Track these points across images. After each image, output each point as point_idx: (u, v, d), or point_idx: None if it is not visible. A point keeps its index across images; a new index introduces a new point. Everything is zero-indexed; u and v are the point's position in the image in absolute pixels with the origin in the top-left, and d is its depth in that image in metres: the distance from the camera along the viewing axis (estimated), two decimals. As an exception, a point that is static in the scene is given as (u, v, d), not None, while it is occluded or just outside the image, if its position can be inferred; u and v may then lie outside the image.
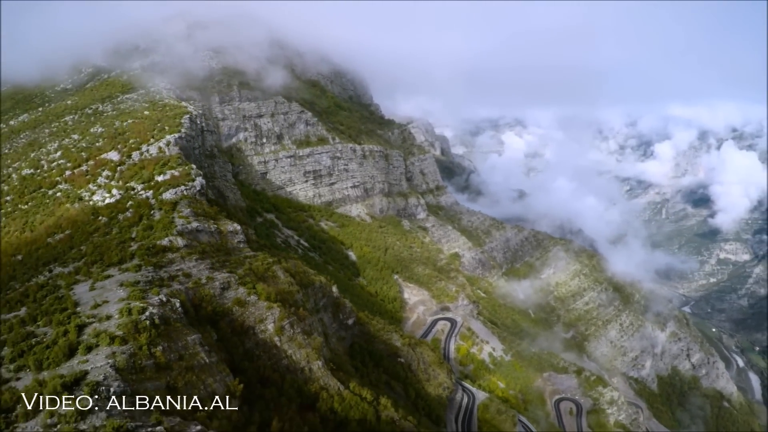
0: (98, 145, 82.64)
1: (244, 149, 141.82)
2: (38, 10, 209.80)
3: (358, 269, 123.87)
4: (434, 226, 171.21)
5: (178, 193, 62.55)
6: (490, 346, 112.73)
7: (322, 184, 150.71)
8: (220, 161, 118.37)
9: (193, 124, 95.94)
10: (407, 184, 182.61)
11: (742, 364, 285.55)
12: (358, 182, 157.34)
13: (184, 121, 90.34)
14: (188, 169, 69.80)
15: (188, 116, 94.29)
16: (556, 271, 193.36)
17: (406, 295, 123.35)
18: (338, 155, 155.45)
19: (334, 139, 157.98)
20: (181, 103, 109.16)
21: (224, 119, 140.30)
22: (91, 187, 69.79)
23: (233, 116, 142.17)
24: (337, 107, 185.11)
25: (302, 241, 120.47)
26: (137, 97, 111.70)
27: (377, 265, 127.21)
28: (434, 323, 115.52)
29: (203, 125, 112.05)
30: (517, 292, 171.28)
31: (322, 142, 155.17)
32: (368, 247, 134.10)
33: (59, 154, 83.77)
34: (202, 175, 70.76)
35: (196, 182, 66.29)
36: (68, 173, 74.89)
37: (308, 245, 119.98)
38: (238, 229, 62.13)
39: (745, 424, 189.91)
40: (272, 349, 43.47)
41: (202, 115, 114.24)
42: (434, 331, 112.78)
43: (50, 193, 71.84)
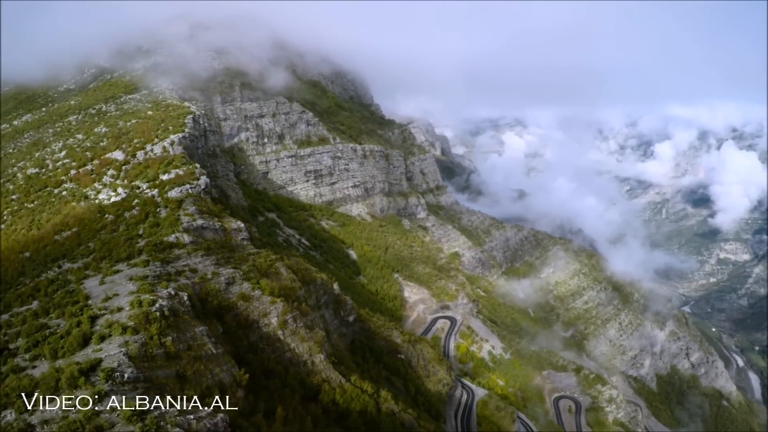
0: (103, 144, 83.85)
1: (245, 149, 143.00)
2: (42, 10, 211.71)
3: (358, 268, 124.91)
4: (434, 225, 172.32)
5: (183, 191, 63.84)
6: (489, 344, 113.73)
7: (322, 183, 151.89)
8: (222, 161, 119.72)
9: (196, 124, 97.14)
10: (407, 183, 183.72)
11: (741, 363, 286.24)
12: (358, 182, 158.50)
13: (187, 121, 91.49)
14: (192, 168, 71.01)
15: (191, 116, 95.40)
16: (555, 270, 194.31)
17: (406, 293, 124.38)
18: (339, 155, 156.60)
19: (334, 139, 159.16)
20: (183, 103, 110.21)
21: (226, 119, 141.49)
22: (96, 185, 71.00)
23: (235, 116, 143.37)
24: (337, 107, 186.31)
25: (303, 240, 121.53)
26: (140, 97, 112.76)
27: (378, 263, 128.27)
28: (434, 321, 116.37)
29: (206, 125, 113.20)
30: (516, 291, 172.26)
31: (322, 142, 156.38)
32: (369, 246, 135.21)
33: (64, 153, 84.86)
34: (206, 174, 72.00)
35: (200, 181, 67.55)
36: (73, 172, 76.05)
37: (309, 244, 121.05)
38: (241, 226, 63.41)
39: (744, 423, 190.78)
40: (276, 342, 44.56)
41: (204, 115, 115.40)
42: (434, 329, 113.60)
43: (56, 191, 72.95)
